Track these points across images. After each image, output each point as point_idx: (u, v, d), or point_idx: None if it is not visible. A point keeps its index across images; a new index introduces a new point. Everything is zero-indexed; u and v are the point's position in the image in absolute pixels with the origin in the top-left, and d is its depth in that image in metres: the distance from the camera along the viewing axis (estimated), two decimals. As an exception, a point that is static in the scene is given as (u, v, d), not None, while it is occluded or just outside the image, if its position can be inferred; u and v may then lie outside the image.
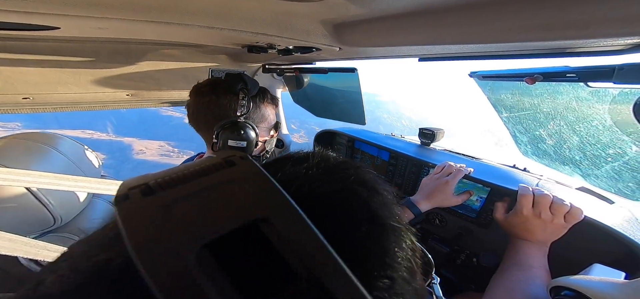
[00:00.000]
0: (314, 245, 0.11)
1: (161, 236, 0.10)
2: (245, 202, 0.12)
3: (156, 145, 32.41)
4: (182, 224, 0.11)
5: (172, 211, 0.11)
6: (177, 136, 37.54)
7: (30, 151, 0.64)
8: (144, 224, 0.11)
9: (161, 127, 44.65)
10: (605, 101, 0.64)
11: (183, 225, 0.11)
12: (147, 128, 45.48)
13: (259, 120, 0.77)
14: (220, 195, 0.12)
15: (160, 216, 0.11)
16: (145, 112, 46.67)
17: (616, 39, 0.32)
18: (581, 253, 0.62)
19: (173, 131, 41.76)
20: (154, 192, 0.12)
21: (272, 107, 0.81)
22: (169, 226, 0.11)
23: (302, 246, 0.11)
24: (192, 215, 0.11)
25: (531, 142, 0.90)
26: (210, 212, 0.11)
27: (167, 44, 0.70)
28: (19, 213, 0.58)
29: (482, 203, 0.79)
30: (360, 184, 0.19)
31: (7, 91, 0.73)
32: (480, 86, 0.78)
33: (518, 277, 0.55)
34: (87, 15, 0.39)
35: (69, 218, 0.68)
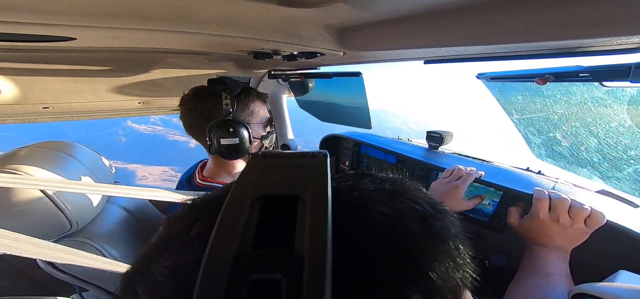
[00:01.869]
0: (317, 230, 0.13)
1: (246, 181, 0.16)
2: (299, 182, 0.16)
3: (159, 170, 33.09)
4: (261, 180, 0.17)
5: (264, 170, 0.17)
6: (182, 160, 38.28)
7: (50, 159, 0.67)
8: (246, 173, 0.17)
9: (166, 152, 45.68)
10: (623, 100, 0.61)
11: (261, 181, 0.16)
12: (152, 154, 46.58)
13: (248, 117, 0.79)
14: (292, 172, 0.17)
15: (258, 171, 0.17)
16: (151, 138, 48.06)
17: (630, 37, 0.30)
18: (605, 259, 0.59)
19: (178, 155, 42.67)
20: (265, 157, 0.18)
21: (260, 103, 0.83)
22: (255, 178, 0.17)
23: (309, 227, 0.14)
24: (270, 177, 0.17)
25: (545, 145, 0.86)
26: (280, 179, 0.17)
27: (177, 52, 0.73)
28: (37, 218, 0.60)
29: (494, 207, 0.77)
30: (421, 221, 0.18)
31: (28, 101, 0.77)
32: (488, 87, 0.76)
33: (537, 284, 0.52)
34: (102, 26, 0.41)
35: (84, 223, 0.71)
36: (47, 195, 0.60)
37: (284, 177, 0.17)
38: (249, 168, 0.17)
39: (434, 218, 0.18)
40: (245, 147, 0.76)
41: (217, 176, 0.83)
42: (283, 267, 0.13)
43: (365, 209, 0.18)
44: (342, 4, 0.38)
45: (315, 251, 0.13)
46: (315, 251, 0.13)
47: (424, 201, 0.19)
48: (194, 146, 1.07)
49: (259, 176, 0.17)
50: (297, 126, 1.46)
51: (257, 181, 0.16)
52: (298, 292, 0.12)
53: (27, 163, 0.61)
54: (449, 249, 0.18)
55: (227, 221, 0.14)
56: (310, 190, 0.15)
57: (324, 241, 0.13)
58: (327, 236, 0.13)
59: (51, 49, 0.59)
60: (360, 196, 0.18)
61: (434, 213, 0.19)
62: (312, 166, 0.17)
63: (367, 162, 1.20)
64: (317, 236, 0.13)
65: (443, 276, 0.16)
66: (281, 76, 1.10)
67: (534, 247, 0.57)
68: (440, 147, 1.07)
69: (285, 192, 0.16)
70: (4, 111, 0.78)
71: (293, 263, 0.13)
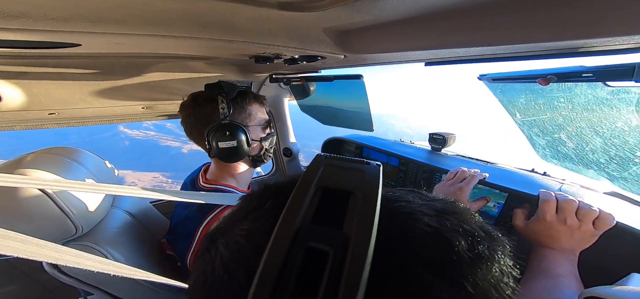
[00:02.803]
0: (364, 221, 0.16)
1: (313, 173, 0.20)
2: (355, 181, 0.19)
3: (149, 177, 33.12)
4: (324, 174, 0.20)
5: (328, 168, 0.20)
6: (174, 166, 38.11)
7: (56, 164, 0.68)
8: (313, 167, 0.20)
9: (158, 158, 45.50)
10: (629, 100, 0.60)
11: (324, 175, 0.20)
12: (143, 160, 46.35)
13: (246, 119, 0.79)
14: (349, 172, 0.20)
15: (323, 167, 0.20)
16: (143, 143, 47.92)
17: (632, 36, 0.30)
18: (616, 262, 0.57)
19: (170, 161, 42.50)
20: (328, 158, 0.22)
21: (258, 105, 0.83)
22: (320, 172, 0.20)
23: (358, 217, 0.17)
24: (332, 173, 0.20)
25: (550, 145, 0.85)
26: (340, 177, 0.20)
27: (179, 57, 0.74)
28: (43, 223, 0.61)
29: (500, 209, 0.76)
30: (466, 240, 0.18)
31: (34, 107, 0.78)
32: (490, 88, 0.76)
33: (544, 286, 0.50)
34: (106, 32, 0.42)
35: (89, 227, 0.71)
36: (53, 200, 0.60)
37: (343, 175, 0.20)
38: (315, 163, 0.21)
39: (482, 239, 0.19)
40: (243, 149, 0.77)
41: (220, 179, 0.83)
42: (332, 241, 0.16)
43: (411, 218, 0.19)
44: (342, 8, 0.38)
45: (360, 235, 0.16)
46: (360, 235, 0.16)
47: (474, 223, 0.20)
48: (186, 152, 1.10)
49: (323, 171, 0.20)
50: (299, 129, 1.46)
51: (321, 173, 0.20)
52: (341, 264, 0.14)
53: (33, 168, 0.62)
54: (492, 270, 0.18)
55: (296, 200, 0.18)
56: (362, 188, 0.18)
57: (369, 229, 0.16)
58: (373, 225, 0.16)
59: (56, 56, 0.60)
60: (407, 206, 0.20)
61: (483, 235, 0.19)
62: (367, 171, 0.20)
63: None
64: (363, 223, 0.16)
65: (481, 292, 0.17)
66: (282, 79, 1.11)
67: (540, 249, 0.56)
68: (443, 149, 1.06)
69: (341, 187, 0.19)
70: (11, 117, 0.80)
71: (341, 239, 0.16)
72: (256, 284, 0.14)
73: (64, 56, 0.60)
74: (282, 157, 1.45)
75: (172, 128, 39.53)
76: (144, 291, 0.75)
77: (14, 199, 0.57)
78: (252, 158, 0.86)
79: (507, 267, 0.19)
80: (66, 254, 0.44)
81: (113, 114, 0.97)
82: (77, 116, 0.90)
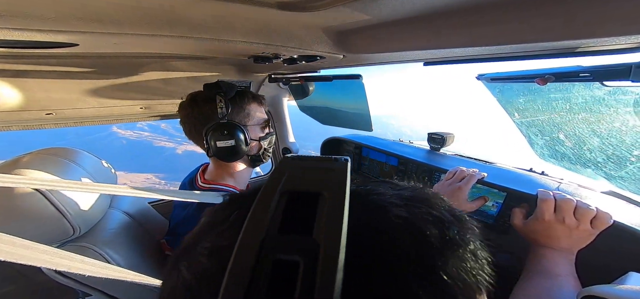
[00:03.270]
0: (333, 223, 0.15)
1: (278, 178, 0.18)
2: (322, 181, 0.18)
3: (142, 178, 32.67)
4: (289, 177, 0.18)
5: (293, 170, 0.19)
6: (168, 167, 37.51)
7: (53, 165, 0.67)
8: (277, 171, 0.19)
9: (151, 159, 44.72)
10: (626, 99, 0.61)
11: (289, 178, 0.18)
12: (136, 160, 45.43)
13: (244, 119, 0.79)
14: (317, 173, 0.19)
15: (288, 170, 0.19)
16: (137, 144, 47.11)
17: (629, 36, 0.30)
18: (614, 261, 0.57)
19: (164, 162, 41.80)
20: (295, 160, 0.20)
21: (257, 105, 0.83)
22: (285, 175, 0.18)
23: (326, 219, 0.16)
24: (298, 175, 0.19)
25: (548, 145, 0.86)
26: (306, 178, 0.19)
27: (178, 57, 0.73)
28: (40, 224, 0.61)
29: (499, 209, 0.76)
30: (437, 227, 0.18)
31: (31, 107, 0.78)
32: (489, 88, 0.76)
33: (543, 285, 0.51)
34: (103, 32, 0.41)
35: (87, 228, 0.71)
36: (50, 200, 0.60)
37: (309, 177, 0.19)
38: (280, 166, 0.19)
39: (451, 224, 0.19)
40: (242, 149, 0.77)
41: (219, 178, 0.83)
42: (302, 250, 0.15)
43: (382, 210, 0.19)
44: (341, 8, 0.38)
45: (330, 239, 0.15)
46: (330, 239, 0.15)
47: (443, 208, 0.20)
48: (181, 153, 1.08)
49: (288, 173, 0.19)
50: (297, 130, 1.46)
51: (286, 178, 0.18)
52: (312, 273, 0.13)
53: (30, 169, 0.61)
54: (464, 255, 0.18)
55: (259, 210, 0.16)
56: (330, 188, 0.17)
57: (338, 231, 0.15)
58: (342, 227, 0.15)
59: (54, 56, 0.60)
60: (377, 199, 0.20)
61: (451, 220, 0.19)
62: (335, 168, 0.19)
63: (368, 165, 1.20)
64: (332, 227, 0.15)
65: (456, 278, 0.17)
66: (282, 79, 1.11)
67: (539, 249, 0.57)
68: (442, 148, 1.07)
69: (307, 189, 0.18)
70: (8, 117, 0.79)
71: (310, 247, 0.15)
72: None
73: (62, 56, 0.60)
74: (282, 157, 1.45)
75: (167, 128, 38.52)
76: (141, 291, 0.75)
77: (11, 200, 0.57)
78: (251, 158, 0.86)
79: (479, 250, 0.19)
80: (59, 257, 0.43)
81: (111, 114, 0.96)
82: (75, 116, 0.90)
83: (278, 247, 0.15)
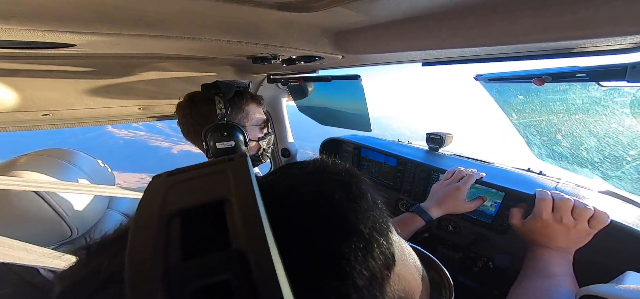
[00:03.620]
0: (251, 223, 0.13)
1: (155, 202, 0.14)
2: (220, 186, 0.15)
3: (136, 178, 32.10)
4: (174, 196, 0.15)
5: (176, 186, 0.15)
6: (163, 167, 37.01)
7: (50, 166, 0.67)
8: (152, 194, 0.15)
9: (146, 159, 43.90)
10: (622, 99, 0.61)
11: (174, 197, 0.15)
12: (130, 160, 44.46)
13: (243, 119, 0.79)
14: (209, 180, 0.16)
15: (167, 189, 0.15)
16: (132, 144, 46.28)
17: (625, 37, 0.31)
18: (611, 260, 0.58)
19: (158, 162, 40.85)
20: (173, 175, 0.17)
21: (255, 105, 0.83)
22: (166, 196, 0.15)
23: (242, 223, 0.13)
24: (184, 190, 0.15)
25: (545, 145, 0.86)
26: (196, 190, 0.15)
27: (176, 57, 0.73)
28: (37, 226, 0.60)
29: (497, 208, 0.77)
30: (341, 189, 0.19)
31: (28, 108, 0.77)
32: (486, 88, 0.76)
33: (540, 285, 0.51)
34: (101, 32, 0.41)
35: (84, 230, 0.71)
36: (47, 202, 0.60)
37: (200, 187, 0.15)
38: (151, 191, 0.15)
39: (350, 183, 0.20)
40: (241, 149, 0.77)
41: None
42: (226, 266, 0.12)
43: (294, 193, 0.19)
44: (340, 8, 0.38)
45: (256, 243, 0.13)
46: (255, 243, 0.13)
47: (342, 171, 0.21)
48: (176, 152, 1.05)
49: (166, 194, 0.15)
50: (295, 131, 1.46)
51: (165, 199, 0.15)
52: (250, 285, 0.11)
53: (27, 170, 0.61)
54: (368, 204, 0.20)
55: (139, 246, 0.13)
56: (234, 189, 0.15)
57: (261, 231, 0.13)
58: (265, 225, 0.13)
59: (51, 56, 0.60)
60: (288, 184, 0.20)
61: (350, 179, 0.21)
62: (231, 168, 0.16)
63: (368, 165, 1.20)
64: (253, 229, 0.13)
65: (370, 225, 0.19)
66: (280, 80, 1.11)
67: (537, 248, 0.57)
68: (440, 149, 1.07)
69: (205, 199, 0.14)
70: (4, 118, 0.79)
71: (235, 258, 0.12)
72: None
73: (59, 56, 0.59)
74: (281, 158, 1.45)
75: (162, 128, 37.14)
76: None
77: (8, 202, 0.56)
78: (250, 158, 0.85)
79: (375, 196, 0.21)
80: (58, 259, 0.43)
81: (109, 115, 0.96)
82: (72, 117, 0.89)
83: (192, 274, 0.12)
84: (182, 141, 0.93)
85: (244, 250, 0.12)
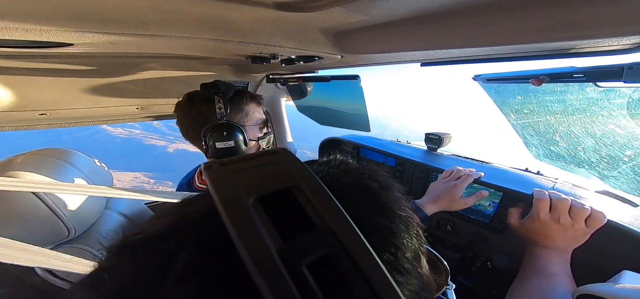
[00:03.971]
0: (330, 206, 0.16)
1: (232, 188, 0.16)
2: (283, 175, 0.17)
3: (130, 177, 31.47)
4: (244, 184, 0.16)
5: (237, 175, 0.17)
6: (158, 166, 35.53)
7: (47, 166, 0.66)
8: (222, 180, 0.16)
9: (141, 158, 42.64)
10: (618, 100, 0.62)
11: (245, 184, 0.16)
12: (125, 159, 43.09)
13: (243, 119, 0.79)
14: (267, 170, 0.18)
15: (231, 177, 0.17)
16: (127, 142, 45.09)
17: (621, 38, 0.31)
18: (608, 260, 0.58)
19: (154, 161, 39.63)
20: (226, 165, 0.18)
21: (255, 105, 0.83)
22: (236, 183, 0.16)
23: (321, 206, 0.15)
24: (250, 179, 0.17)
25: (543, 145, 0.87)
26: (262, 178, 0.17)
27: (174, 57, 0.73)
28: (34, 226, 0.60)
29: (495, 208, 0.77)
30: (373, 181, 0.22)
31: (25, 107, 0.77)
32: (485, 89, 0.77)
33: (538, 285, 0.51)
34: (99, 31, 0.41)
35: (82, 230, 0.70)
36: (44, 201, 0.59)
37: (265, 176, 0.17)
38: (218, 178, 0.16)
39: (375, 176, 0.23)
40: (241, 149, 0.77)
41: None
42: (323, 243, 0.14)
43: (336, 183, 0.21)
44: (339, 8, 0.38)
45: (339, 221, 0.15)
46: (338, 221, 0.15)
47: (367, 168, 0.25)
48: (172, 151, 1.03)
49: (237, 180, 0.16)
50: (294, 130, 1.46)
51: (242, 183, 0.16)
52: (347, 255, 0.13)
53: (24, 170, 0.60)
54: (396, 193, 0.23)
55: (245, 227, 0.14)
56: (300, 177, 0.17)
57: (338, 210, 0.15)
58: (337, 204, 0.16)
59: (48, 55, 0.59)
60: (329, 177, 0.22)
61: (373, 172, 0.24)
62: (281, 161, 0.18)
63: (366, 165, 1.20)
64: (333, 210, 0.15)
65: (405, 209, 0.21)
66: (279, 80, 1.10)
67: (534, 248, 0.57)
68: (439, 148, 1.07)
69: (278, 187, 0.16)
70: (1, 117, 0.78)
71: (329, 235, 0.14)
72: None
73: (56, 56, 0.59)
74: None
75: (159, 126, 36.01)
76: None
77: (4, 202, 0.56)
78: None
79: (400, 188, 0.24)
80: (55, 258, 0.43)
81: (107, 115, 0.95)
82: (69, 116, 0.88)
83: (298, 254, 0.13)
84: (177, 140, 0.93)
85: (331, 228, 0.14)
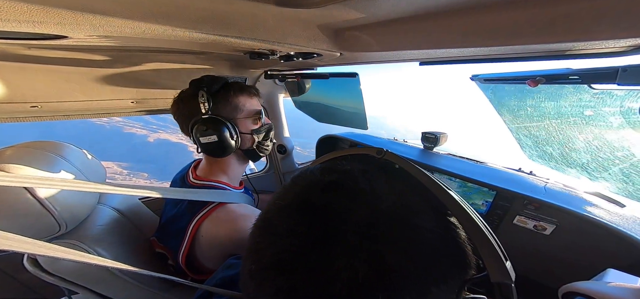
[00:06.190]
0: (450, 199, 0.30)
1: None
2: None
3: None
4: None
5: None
6: (134, 156, 33.95)
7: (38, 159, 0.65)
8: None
9: (118, 146, 41.02)
10: (610, 102, 0.63)
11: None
12: (101, 147, 41.35)
13: (232, 112, 0.77)
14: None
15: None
16: (103, 130, 42.98)
17: (617, 40, 0.31)
18: (594, 258, 0.60)
19: (131, 151, 38.16)
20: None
21: (246, 97, 0.80)
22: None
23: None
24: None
25: (536, 145, 0.88)
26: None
27: (171, 51, 0.72)
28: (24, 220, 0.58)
29: (488, 207, 0.78)
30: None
31: (16, 100, 0.75)
32: (482, 89, 0.77)
33: None
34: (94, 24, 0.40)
35: (74, 225, 0.69)
36: (34, 196, 0.58)
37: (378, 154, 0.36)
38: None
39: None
40: (229, 143, 0.75)
41: (211, 175, 0.82)
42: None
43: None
44: (339, 5, 0.38)
45: (454, 207, 0.30)
46: (454, 207, 0.30)
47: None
48: (152, 141, 1.03)
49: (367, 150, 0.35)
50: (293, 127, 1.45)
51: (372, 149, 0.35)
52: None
53: (14, 163, 0.59)
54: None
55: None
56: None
57: (456, 201, 0.30)
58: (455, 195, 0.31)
59: (42, 47, 0.58)
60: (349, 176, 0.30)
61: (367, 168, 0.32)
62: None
63: None
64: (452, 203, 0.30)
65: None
66: (278, 76, 1.10)
67: None
68: (435, 147, 1.08)
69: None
70: None
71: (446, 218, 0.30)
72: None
73: (50, 48, 0.57)
74: (276, 155, 1.44)
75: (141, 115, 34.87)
76: (131, 288, 0.73)
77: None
78: (245, 152, 0.84)
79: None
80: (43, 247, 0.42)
81: (101, 108, 0.93)
82: (61, 109, 0.86)
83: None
84: (160, 129, 0.90)
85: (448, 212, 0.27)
